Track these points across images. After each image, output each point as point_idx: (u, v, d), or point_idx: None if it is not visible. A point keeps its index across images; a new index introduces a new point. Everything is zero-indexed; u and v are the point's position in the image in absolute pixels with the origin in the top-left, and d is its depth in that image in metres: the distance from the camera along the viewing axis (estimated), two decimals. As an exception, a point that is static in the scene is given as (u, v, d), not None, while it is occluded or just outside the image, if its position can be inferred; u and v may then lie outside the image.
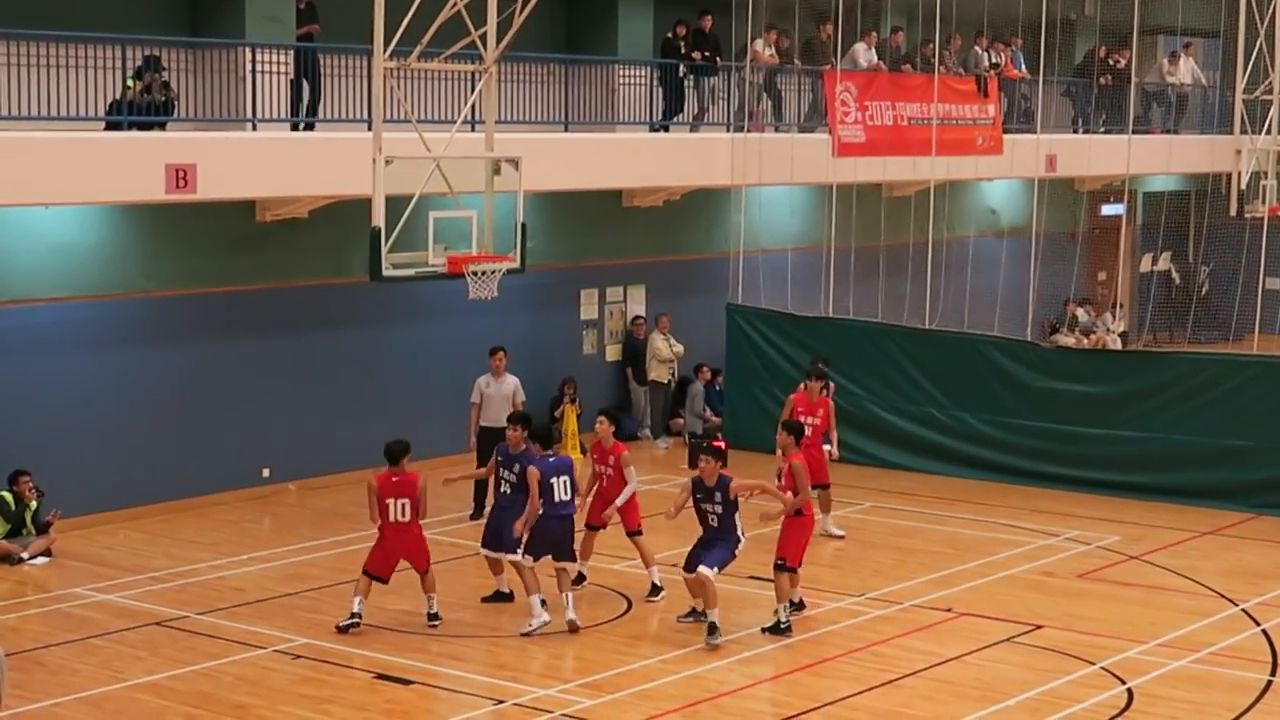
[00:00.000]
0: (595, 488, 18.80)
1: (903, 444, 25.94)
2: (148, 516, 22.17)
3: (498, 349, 22.57)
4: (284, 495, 23.70)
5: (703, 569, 16.92)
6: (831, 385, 23.53)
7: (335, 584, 19.11)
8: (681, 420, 28.58)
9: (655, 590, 18.80)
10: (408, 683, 15.80)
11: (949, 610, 18.41)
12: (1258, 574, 20.29)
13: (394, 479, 17.32)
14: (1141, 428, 24.37)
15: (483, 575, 18.91)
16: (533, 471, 17.20)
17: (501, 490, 17.95)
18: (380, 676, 15.98)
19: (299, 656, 16.56)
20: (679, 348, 28.33)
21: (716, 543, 17.08)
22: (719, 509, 16.96)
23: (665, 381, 28.44)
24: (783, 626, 17.48)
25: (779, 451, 18.49)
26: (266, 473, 23.73)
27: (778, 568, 17.58)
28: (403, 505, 17.26)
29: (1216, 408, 23.95)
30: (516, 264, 19.69)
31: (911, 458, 25.61)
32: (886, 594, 19.16)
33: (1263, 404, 23.72)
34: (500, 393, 22.31)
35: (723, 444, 17.53)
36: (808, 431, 20.83)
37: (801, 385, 22.02)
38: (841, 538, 21.36)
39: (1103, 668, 16.56)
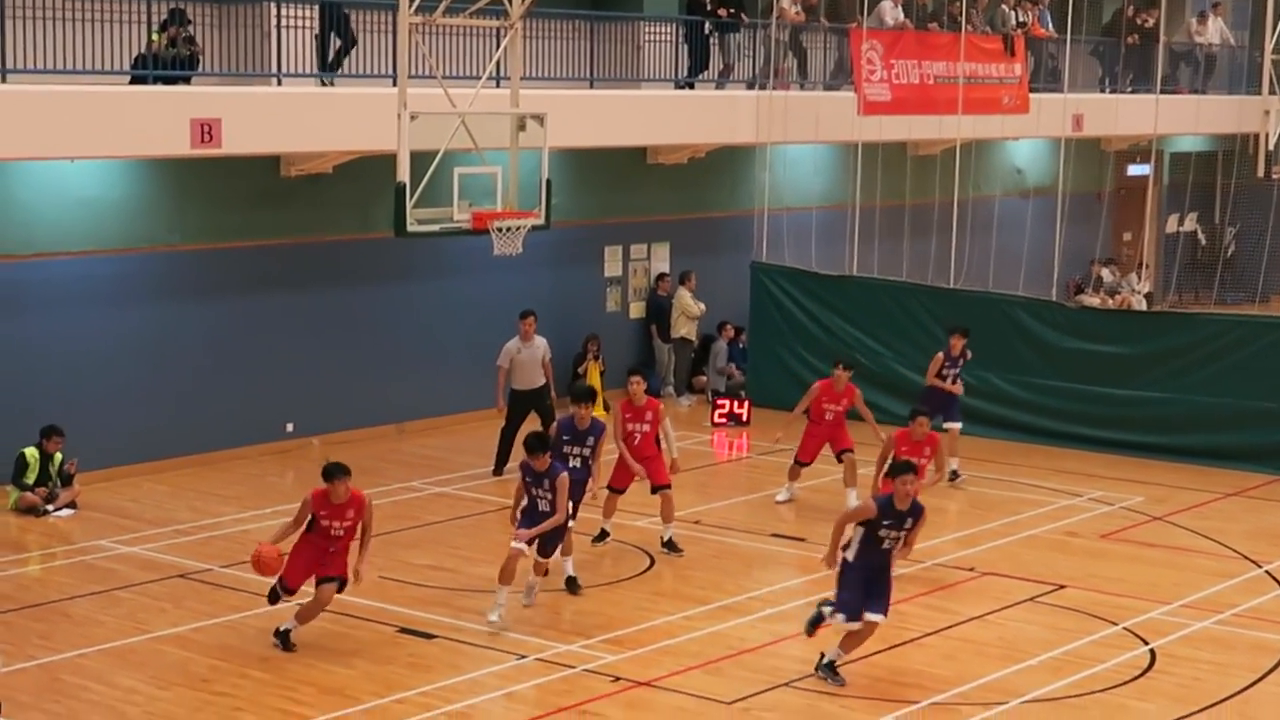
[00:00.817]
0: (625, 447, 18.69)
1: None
2: (172, 470, 22.25)
3: (528, 313, 22.58)
4: (307, 450, 23.74)
5: (875, 616, 14.88)
6: (969, 353, 22.97)
7: (357, 539, 19.14)
8: (705, 378, 28.58)
9: (674, 548, 18.79)
10: (431, 637, 15.84)
11: (972, 570, 18.39)
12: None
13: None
14: (1166, 389, 24.32)
15: (507, 532, 18.93)
16: (564, 479, 16.32)
17: (571, 465, 17.53)
18: (404, 630, 16.03)
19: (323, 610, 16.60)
20: (702, 306, 28.29)
21: (886, 578, 15.00)
22: (901, 536, 14.87)
23: (692, 339, 28.44)
24: None
25: (911, 433, 18.55)
26: (290, 427, 23.78)
27: None
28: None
29: (1242, 370, 23.87)
30: (541, 220, 19.68)
31: (938, 418, 25.51)
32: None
33: (1288, 366, 23.69)
34: (531, 356, 22.38)
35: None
36: (829, 417, 20.88)
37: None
38: None
39: (1125, 628, 16.55)
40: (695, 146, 28.22)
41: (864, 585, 14.72)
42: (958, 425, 22.57)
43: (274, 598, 15.67)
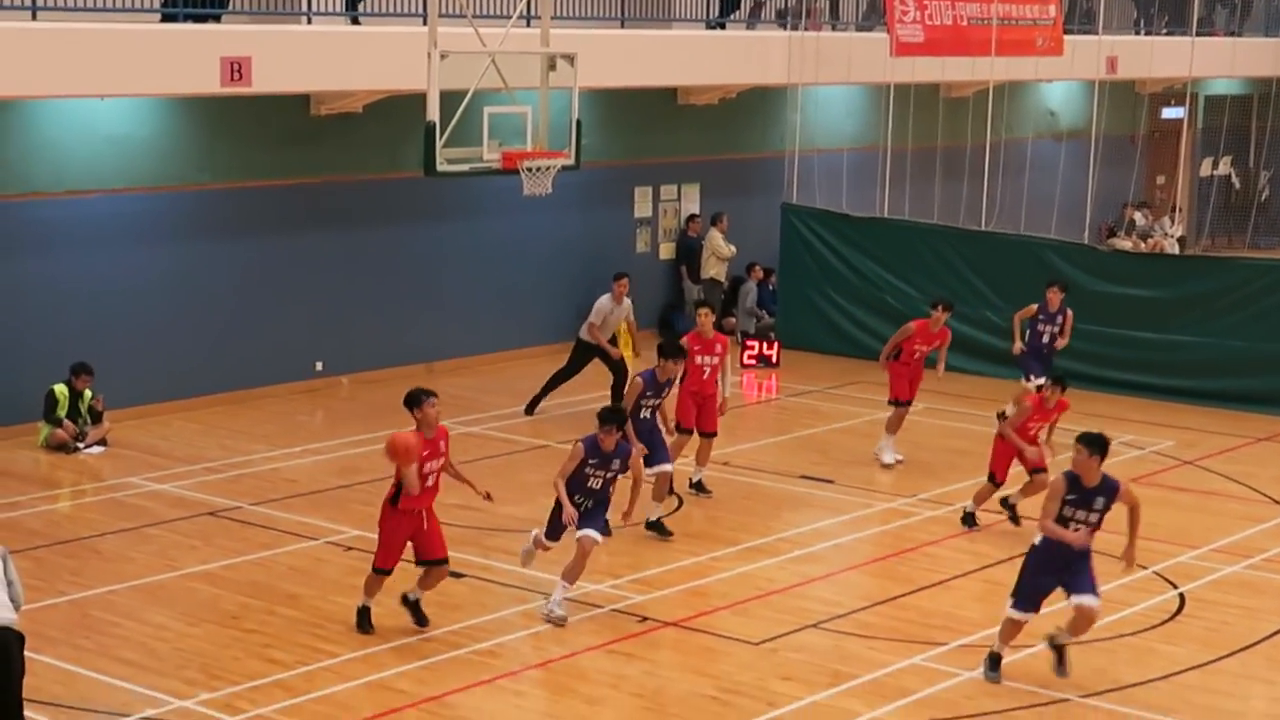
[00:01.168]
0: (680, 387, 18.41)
1: (957, 346, 25.56)
2: (202, 408, 22.30)
3: (622, 275, 22.78)
4: (336, 389, 23.79)
5: (1090, 601, 13.49)
6: (1069, 313, 22.08)
7: (386, 477, 19.11)
8: (734, 319, 28.53)
9: (702, 489, 18.76)
10: (459, 575, 15.84)
11: (1001, 514, 18.34)
12: None
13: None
14: (1198, 333, 24.21)
15: (540, 471, 18.96)
16: (637, 456, 15.31)
17: (642, 416, 17.24)
18: (433, 570, 16.04)
19: (351, 548, 16.68)
20: (733, 248, 28.24)
21: (1088, 560, 13.63)
22: (1095, 517, 13.54)
23: (721, 280, 28.41)
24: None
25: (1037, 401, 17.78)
26: (319, 366, 23.82)
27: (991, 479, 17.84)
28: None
29: (1274, 314, 23.77)
30: (571, 161, 19.62)
31: (966, 360, 25.42)
32: (939, 495, 19.14)
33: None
34: (617, 317, 22.63)
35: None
36: (917, 357, 20.49)
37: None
38: (900, 462, 20.69)
39: (1155, 572, 16.51)
40: (726, 87, 28.09)
41: (1055, 570, 13.49)
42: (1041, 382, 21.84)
43: (364, 624, 14.44)
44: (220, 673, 13.51)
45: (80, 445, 20.14)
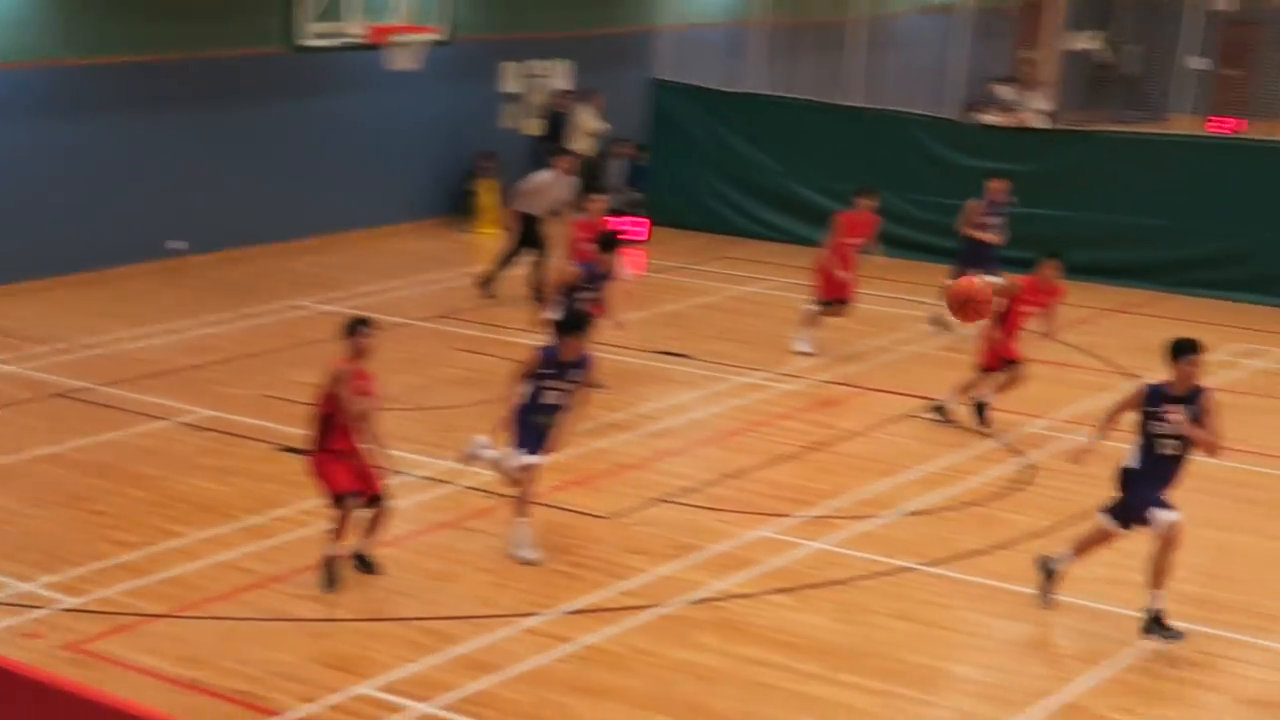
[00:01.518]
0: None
1: (825, 222, 25.84)
2: (55, 289, 21.96)
3: (565, 152, 22.61)
4: (194, 267, 23.50)
5: (1167, 515, 12.22)
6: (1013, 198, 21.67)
7: (241, 357, 19.11)
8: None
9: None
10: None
11: (854, 385, 18.45)
12: (1160, 351, 20.31)
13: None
14: (1061, 206, 24.40)
15: (404, 347, 18.90)
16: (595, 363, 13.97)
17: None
18: (286, 449, 15.93)
19: (203, 429, 16.56)
20: (603, 125, 28.12)
21: (1171, 482, 12.49)
22: (1179, 429, 12.32)
23: (588, 155, 28.32)
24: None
25: None
26: (177, 245, 23.47)
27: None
28: None
29: (1135, 188, 24.03)
30: (440, 35, 19.39)
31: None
32: (794, 369, 19.24)
33: (1180, 184, 23.83)
34: (557, 193, 21.91)
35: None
36: (851, 251, 20.00)
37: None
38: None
39: (1005, 443, 16.71)
40: (595, -40, 27.90)
41: (1150, 489, 12.34)
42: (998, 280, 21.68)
43: (330, 580, 12.97)
44: (64, 555, 13.36)
45: (-70, 326, 19.87)
